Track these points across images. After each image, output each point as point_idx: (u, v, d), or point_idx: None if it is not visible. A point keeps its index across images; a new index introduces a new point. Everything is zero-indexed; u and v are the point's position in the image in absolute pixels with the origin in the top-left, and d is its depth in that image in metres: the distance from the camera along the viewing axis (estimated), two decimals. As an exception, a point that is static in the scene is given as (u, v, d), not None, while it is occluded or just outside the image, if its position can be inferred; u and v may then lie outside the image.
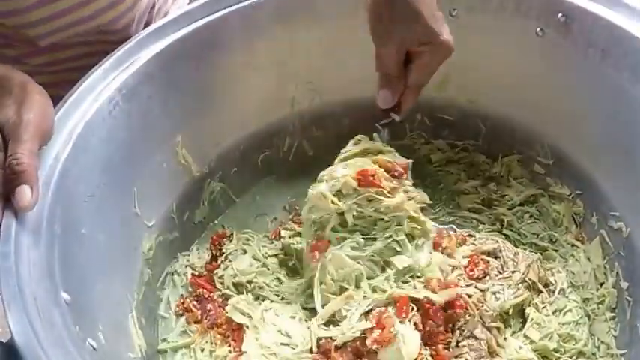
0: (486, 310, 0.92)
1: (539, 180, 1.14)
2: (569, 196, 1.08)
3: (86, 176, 0.83)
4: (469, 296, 0.92)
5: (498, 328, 0.92)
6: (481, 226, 1.12)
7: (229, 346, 0.94)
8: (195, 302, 1.00)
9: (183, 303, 1.01)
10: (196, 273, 1.05)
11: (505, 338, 0.92)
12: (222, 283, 1.02)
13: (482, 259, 1.00)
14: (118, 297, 0.89)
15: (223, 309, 0.97)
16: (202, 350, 0.95)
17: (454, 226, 1.12)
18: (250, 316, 0.94)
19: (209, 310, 0.98)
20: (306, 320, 0.93)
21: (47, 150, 0.78)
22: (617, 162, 0.97)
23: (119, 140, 0.90)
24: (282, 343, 0.90)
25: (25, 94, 0.74)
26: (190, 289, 1.04)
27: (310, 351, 0.87)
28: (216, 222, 1.15)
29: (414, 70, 0.91)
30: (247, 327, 0.93)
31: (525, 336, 0.94)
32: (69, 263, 0.74)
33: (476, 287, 0.95)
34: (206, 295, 1.00)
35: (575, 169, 1.05)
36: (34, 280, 0.68)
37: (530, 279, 0.98)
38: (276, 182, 1.20)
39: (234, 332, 0.95)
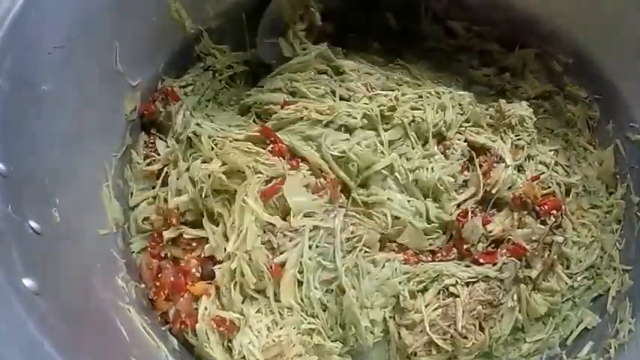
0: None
1: (555, 77, 0.96)
2: (585, 98, 0.92)
3: (52, 23, 0.64)
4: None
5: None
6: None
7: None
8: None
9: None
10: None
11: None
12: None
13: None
14: (89, 164, 0.73)
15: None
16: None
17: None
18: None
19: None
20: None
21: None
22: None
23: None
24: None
25: None
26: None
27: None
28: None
29: None
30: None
31: None
32: (15, 126, 0.57)
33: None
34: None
35: (596, 72, 0.88)
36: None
37: None
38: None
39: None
